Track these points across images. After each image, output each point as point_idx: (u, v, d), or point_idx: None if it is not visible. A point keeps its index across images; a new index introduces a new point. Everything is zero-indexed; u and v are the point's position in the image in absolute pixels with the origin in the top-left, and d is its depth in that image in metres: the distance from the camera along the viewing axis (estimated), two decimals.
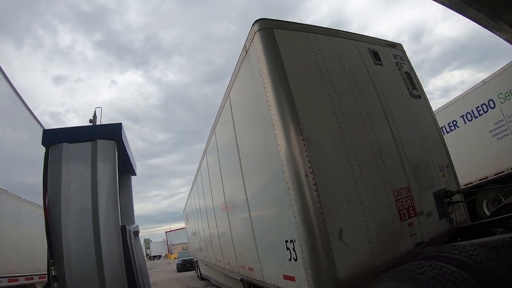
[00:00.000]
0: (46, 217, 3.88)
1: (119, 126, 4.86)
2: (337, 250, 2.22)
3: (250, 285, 4.05)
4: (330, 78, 2.85)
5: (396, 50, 3.85)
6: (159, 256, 52.45)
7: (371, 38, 3.66)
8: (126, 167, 5.99)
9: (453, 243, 2.33)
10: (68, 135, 4.46)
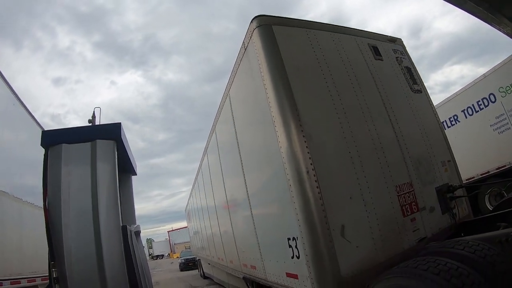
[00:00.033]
0: (46, 218, 3.87)
1: (118, 125, 4.84)
2: (339, 247, 2.20)
3: (253, 283, 4.03)
4: (330, 74, 2.82)
5: (396, 45, 3.82)
6: (162, 255, 52.63)
7: (371, 33, 3.63)
8: (126, 167, 5.97)
9: (456, 238, 2.31)
10: (67, 136, 4.44)
